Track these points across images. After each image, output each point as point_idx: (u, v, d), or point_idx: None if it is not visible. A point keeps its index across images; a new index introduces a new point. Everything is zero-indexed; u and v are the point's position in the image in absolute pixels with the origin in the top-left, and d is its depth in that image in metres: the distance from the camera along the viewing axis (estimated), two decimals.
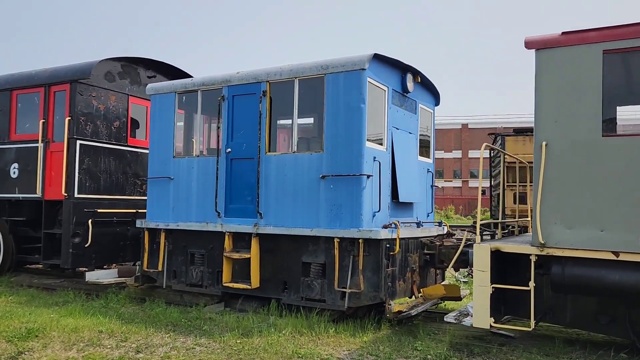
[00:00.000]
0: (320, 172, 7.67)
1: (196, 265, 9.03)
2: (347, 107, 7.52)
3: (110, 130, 10.62)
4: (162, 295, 9.68)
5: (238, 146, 8.47)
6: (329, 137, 7.65)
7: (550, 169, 5.91)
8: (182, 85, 9.09)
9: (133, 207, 10.93)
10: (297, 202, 7.86)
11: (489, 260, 6.16)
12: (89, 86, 10.19)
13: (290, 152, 8.02)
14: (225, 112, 8.61)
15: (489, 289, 6.14)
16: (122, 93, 10.88)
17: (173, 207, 9.11)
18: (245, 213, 8.36)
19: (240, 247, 8.56)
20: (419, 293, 8.01)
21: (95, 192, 10.30)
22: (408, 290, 7.87)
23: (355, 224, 7.38)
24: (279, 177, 8.04)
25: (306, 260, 7.98)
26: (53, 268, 11.68)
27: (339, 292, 7.62)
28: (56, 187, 10.16)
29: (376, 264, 7.38)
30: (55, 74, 10.33)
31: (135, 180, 11.10)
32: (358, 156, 7.41)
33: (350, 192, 7.44)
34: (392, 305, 7.20)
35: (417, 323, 7.77)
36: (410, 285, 7.91)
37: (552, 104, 5.96)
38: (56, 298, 9.78)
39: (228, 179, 8.54)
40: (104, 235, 10.32)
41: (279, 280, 8.25)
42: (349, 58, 7.58)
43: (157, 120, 9.36)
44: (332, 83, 7.66)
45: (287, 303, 8.16)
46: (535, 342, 6.92)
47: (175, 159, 9.14)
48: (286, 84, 8.11)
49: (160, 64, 11.54)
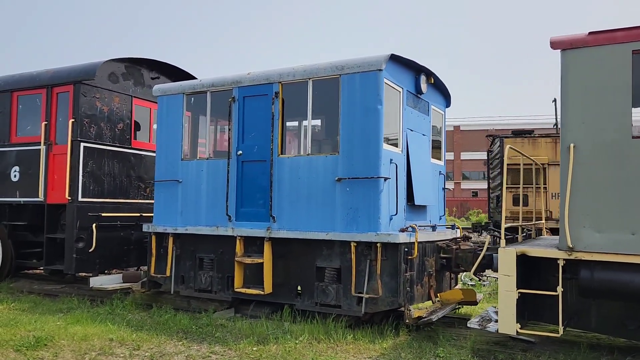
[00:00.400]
0: (336, 174, 7.51)
1: (205, 270, 8.83)
2: (364, 109, 7.37)
3: (114, 133, 10.39)
4: (169, 301, 9.47)
5: (249, 148, 8.29)
6: (345, 139, 7.49)
7: (578, 172, 5.78)
8: (191, 87, 8.90)
9: (137, 211, 10.70)
10: (312, 205, 7.69)
11: (514, 264, 6.02)
12: (93, 87, 9.96)
13: (304, 154, 7.85)
14: (235, 113, 8.43)
15: (515, 294, 6.00)
16: (126, 94, 10.66)
17: (181, 210, 8.90)
18: (257, 217, 8.18)
19: (252, 251, 8.38)
20: (436, 298, 7.87)
21: (99, 196, 10.06)
22: (425, 295, 7.72)
23: (373, 228, 7.22)
24: (292, 180, 7.87)
25: (320, 264, 7.81)
26: (53, 274, 11.43)
27: (355, 297, 7.46)
28: (59, 191, 9.91)
29: (394, 268, 7.23)
30: (58, 75, 10.09)
31: (139, 183, 10.87)
32: (375, 158, 7.26)
33: (367, 195, 7.29)
34: (412, 311, 7.04)
35: (436, 328, 7.62)
36: (428, 289, 7.76)
37: (579, 105, 5.84)
38: (60, 304, 9.53)
39: (239, 182, 8.35)
40: (108, 240, 10.08)
41: (292, 286, 8.08)
42: (366, 58, 7.43)
43: (165, 122, 9.16)
44: (348, 84, 7.51)
45: (300, 309, 7.98)
46: (559, 347, 6.80)
47: (183, 162, 8.93)
48: (299, 84, 7.95)
49: (164, 65, 11.34)
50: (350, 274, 7.49)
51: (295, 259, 8.02)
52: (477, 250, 7.68)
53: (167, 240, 9.13)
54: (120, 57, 10.50)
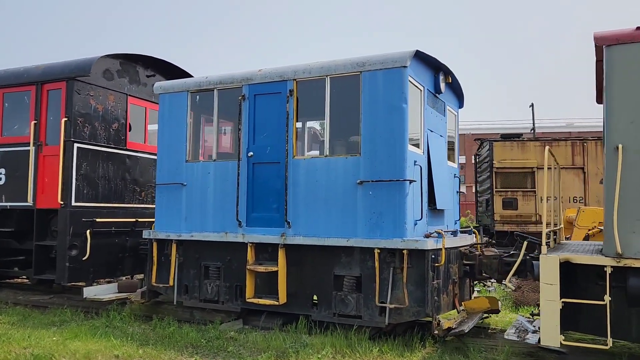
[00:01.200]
0: (358, 177, 7.09)
1: (211, 279, 8.30)
2: (388, 108, 6.97)
3: (108, 133, 9.78)
4: (170, 313, 8.91)
5: (261, 149, 7.81)
6: (367, 140, 7.07)
7: (627, 174, 5.48)
8: (196, 84, 8.37)
9: (132, 216, 10.10)
10: (331, 210, 7.25)
11: (558, 272, 5.69)
12: (87, 84, 9.35)
13: (322, 155, 7.41)
14: (246, 112, 7.94)
15: (559, 304, 5.66)
16: (121, 92, 10.06)
17: (186, 216, 8.35)
18: (270, 222, 7.70)
19: (263, 259, 7.89)
20: (460, 306, 7.50)
21: (94, 200, 9.44)
22: (450, 303, 7.34)
23: (399, 234, 6.82)
24: (309, 182, 7.42)
25: (339, 273, 7.37)
26: (39, 283, 10.73)
27: (377, 307, 7.04)
28: (50, 195, 9.26)
29: (420, 276, 6.83)
30: (49, 71, 9.44)
31: (135, 186, 10.27)
32: (401, 160, 6.86)
33: (392, 198, 6.88)
34: (442, 322, 6.65)
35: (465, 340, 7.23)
36: (452, 298, 7.39)
37: (626, 104, 5.54)
38: (51, 317, 8.88)
39: (250, 185, 7.86)
40: (102, 247, 9.46)
41: (307, 295, 7.62)
42: (389, 55, 7.04)
43: (167, 121, 8.61)
44: (370, 81, 7.10)
45: (317, 320, 7.53)
46: (594, 358, 6.50)
47: (188, 164, 8.39)
48: (316, 82, 7.51)
49: (160, 62, 10.76)
50: (373, 283, 7.07)
51: (310, 267, 7.57)
52: (502, 257, 7.35)
53: (169, 248, 8.58)
54: (116, 53, 9.91)
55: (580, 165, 18.27)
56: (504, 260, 7.27)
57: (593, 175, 18.03)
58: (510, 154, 18.54)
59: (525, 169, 18.33)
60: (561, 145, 18.43)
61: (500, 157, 18.48)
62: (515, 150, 18.56)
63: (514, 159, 18.42)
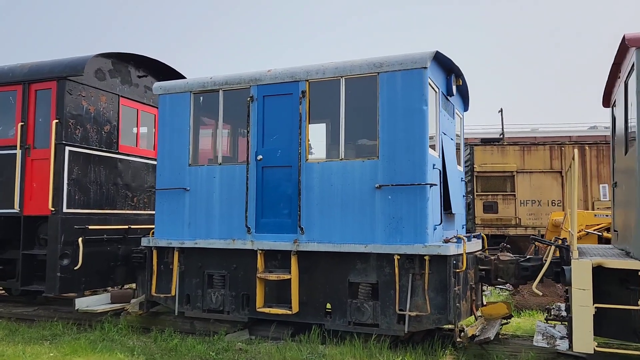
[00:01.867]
0: (376, 181, 6.87)
1: (215, 288, 7.94)
2: (407, 110, 6.79)
3: (100, 136, 9.30)
4: (169, 324, 8.49)
5: (271, 153, 7.51)
6: (385, 143, 6.87)
7: None
8: (200, 84, 8.02)
9: (124, 223, 9.63)
10: (347, 215, 7.01)
11: (590, 277, 5.59)
12: (79, 84, 8.86)
13: (338, 159, 7.16)
14: (254, 114, 7.63)
15: (592, 309, 5.56)
16: (113, 93, 9.59)
17: (189, 222, 7.97)
18: (281, 228, 7.40)
19: (272, 266, 7.59)
20: (477, 312, 7.36)
21: (85, 207, 8.94)
22: (468, 310, 7.19)
23: (420, 239, 6.63)
24: (323, 187, 7.16)
25: (354, 280, 7.14)
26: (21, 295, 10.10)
27: (395, 315, 6.84)
28: (39, 201, 8.72)
29: (440, 282, 6.66)
30: (38, 70, 8.91)
31: (127, 192, 9.80)
32: (421, 164, 6.69)
33: (412, 203, 6.69)
34: (466, 329, 6.48)
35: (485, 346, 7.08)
36: (470, 304, 7.24)
37: None
38: (41, 331, 8.36)
39: (259, 190, 7.56)
40: (94, 256, 8.95)
41: (320, 304, 7.35)
42: (408, 55, 6.86)
43: (168, 123, 8.22)
44: (388, 83, 6.91)
45: (331, 329, 7.27)
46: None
47: (192, 168, 8.02)
48: (330, 83, 7.27)
49: (154, 62, 10.33)
50: (391, 290, 6.87)
51: (323, 274, 7.31)
52: (519, 261, 7.25)
53: (170, 256, 8.18)
54: (108, 52, 9.44)
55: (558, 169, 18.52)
56: (521, 265, 7.16)
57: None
58: (490, 158, 18.67)
59: (505, 172, 18.47)
60: (539, 149, 18.67)
61: (481, 161, 18.60)
62: (496, 154, 18.71)
63: (495, 163, 18.55)
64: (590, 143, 18.62)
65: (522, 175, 18.41)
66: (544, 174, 17.96)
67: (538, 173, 18.44)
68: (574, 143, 18.73)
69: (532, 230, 18.04)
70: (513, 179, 18.24)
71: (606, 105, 8.44)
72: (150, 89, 10.42)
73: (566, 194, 18.37)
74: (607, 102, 8.34)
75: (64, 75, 8.62)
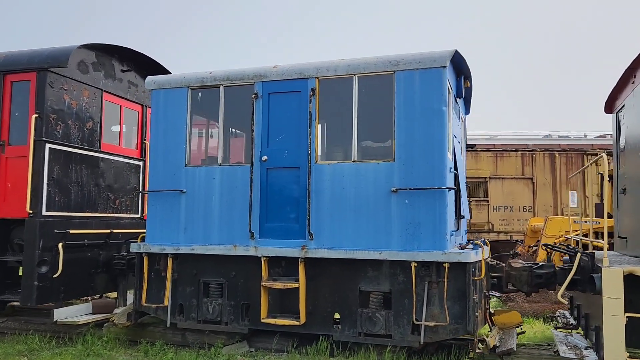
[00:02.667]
0: (392, 184, 6.54)
1: (212, 297, 7.43)
2: (425, 110, 6.50)
3: (82, 133, 8.62)
4: (158, 336, 7.91)
5: (277, 153, 7.08)
6: (402, 144, 6.56)
7: None
8: (198, 79, 7.51)
9: (105, 227, 8.96)
10: (360, 220, 6.66)
11: (622, 285, 5.43)
12: (61, 77, 8.18)
13: (350, 160, 6.80)
14: (259, 112, 7.19)
15: (623, 319, 5.39)
16: (96, 88, 8.93)
17: (185, 227, 7.44)
18: (288, 233, 6.98)
19: (275, 274, 7.15)
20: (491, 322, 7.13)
21: (66, 209, 8.25)
22: (483, 319, 6.95)
23: (439, 246, 6.34)
24: (335, 190, 6.78)
25: (365, 288, 6.78)
26: None
27: (409, 325, 6.52)
28: (14, 203, 7.98)
29: (459, 291, 6.39)
30: (14, 60, 8.17)
31: (109, 193, 9.13)
32: (441, 167, 6.40)
33: (431, 208, 6.39)
34: (487, 340, 6.22)
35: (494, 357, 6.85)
36: (484, 313, 7.00)
37: None
38: (15, 345, 7.65)
39: (263, 193, 7.10)
40: (74, 263, 8.26)
41: (328, 313, 6.96)
42: (426, 54, 6.58)
43: (162, 120, 7.66)
44: (405, 82, 6.60)
45: (339, 340, 6.88)
46: None
47: (188, 168, 7.49)
48: (342, 81, 6.91)
49: (138, 55, 9.70)
50: (405, 299, 6.56)
51: (331, 282, 6.92)
52: (532, 268, 7.06)
53: (162, 263, 7.62)
54: (92, 44, 8.77)
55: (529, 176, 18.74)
56: (534, 272, 6.98)
57: (541, 185, 18.60)
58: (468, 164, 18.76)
59: (478, 178, 18.57)
60: (512, 156, 18.87)
61: None
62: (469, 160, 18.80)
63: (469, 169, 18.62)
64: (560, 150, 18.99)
65: (495, 181, 18.55)
66: (516, 180, 18.17)
67: (510, 179, 18.61)
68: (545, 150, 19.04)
69: (505, 236, 18.21)
70: (486, 184, 18.36)
71: (608, 111, 8.41)
72: (134, 84, 9.80)
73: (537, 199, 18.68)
74: (610, 108, 8.31)
75: (45, 66, 7.93)
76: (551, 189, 18.30)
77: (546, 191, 18.26)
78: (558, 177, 18.45)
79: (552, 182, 18.28)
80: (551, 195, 18.27)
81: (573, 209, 18.18)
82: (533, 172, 18.53)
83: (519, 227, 18.09)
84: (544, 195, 18.20)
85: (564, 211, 17.91)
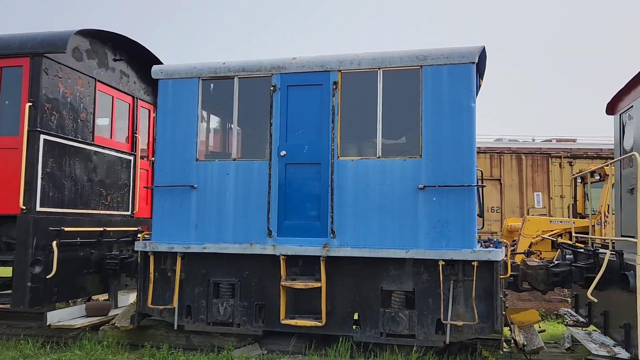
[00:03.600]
0: (419, 181, 6.42)
1: (223, 298, 7.11)
2: (454, 106, 6.41)
3: (76, 124, 8.09)
4: (161, 339, 7.52)
5: (296, 148, 6.83)
6: (429, 141, 6.44)
7: None
8: (211, 70, 7.16)
9: (98, 225, 8.45)
10: (385, 217, 6.50)
11: None
12: (56, 64, 7.64)
13: (375, 157, 6.63)
14: (277, 105, 6.91)
15: None
16: (90, 77, 8.40)
17: (196, 224, 7.07)
18: (308, 231, 6.74)
19: (291, 273, 6.91)
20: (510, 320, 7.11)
21: (60, 205, 7.71)
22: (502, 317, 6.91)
23: (468, 244, 6.26)
24: (358, 187, 6.60)
25: (387, 287, 6.64)
26: None
27: (433, 325, 6.42)
28: (4, 197, 7.37)
29: (485, 289, 6.34)
30: (4, 44, 7.56)
31: (101, 189, 8.62)
32: (470, 164, 6.33)
33: (460, 205, 6.31)
34: (517, 339, 6.18)
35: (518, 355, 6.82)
36: (505, 312, 6.97)
37: None
38: (6, 351, 7.08)
39: (282, 189, 6.84)
40: (67, 262, 7.73)
41: (347, 313, 6.78)
42: (455, 49, 6.49)
43: (170, 112, 7.27)
44: (433, 77, 6.49)
45: (360, 341, 6.71)
46: None
47: (199, 163, 7.12)
48: (366, 74, 6.73)
49: (132, 44, 9.20)
50: (429, 298, 6.46)
51: (352, 282, 6.74)
52: (548, 267, 7.09)
53: (170, 262, 7.23)
54: (87, 29, 8.24)
55: (497, 177, 19.13)
56: (551, 270, 7.01)
57: (508, 186, 19.04)
58: None
59: None
60: (480, 157, 19.22)
61: None
62: None
63: None
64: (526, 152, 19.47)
65: (487, 182, 18.82)
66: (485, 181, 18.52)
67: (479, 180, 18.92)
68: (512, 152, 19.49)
69: None
70: None
71: (610, 112, 8.57)
72: (125, 75, 9.30)
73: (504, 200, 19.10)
74: (613, 109, 8.47)
75: (41, 51, 7.38)
76: (518, 190, 18.76)
77: (513, 192, 18.71)
78: (524, 179, 18.91)
79: (519, 183, 18.74)
80: (517, 196, 18.73)
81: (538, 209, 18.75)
82: (501, 173, 18.95)
83: (487, 227, 18.43)
84: (511, 195, 18.65)
85: (529, 211, 18.40)
